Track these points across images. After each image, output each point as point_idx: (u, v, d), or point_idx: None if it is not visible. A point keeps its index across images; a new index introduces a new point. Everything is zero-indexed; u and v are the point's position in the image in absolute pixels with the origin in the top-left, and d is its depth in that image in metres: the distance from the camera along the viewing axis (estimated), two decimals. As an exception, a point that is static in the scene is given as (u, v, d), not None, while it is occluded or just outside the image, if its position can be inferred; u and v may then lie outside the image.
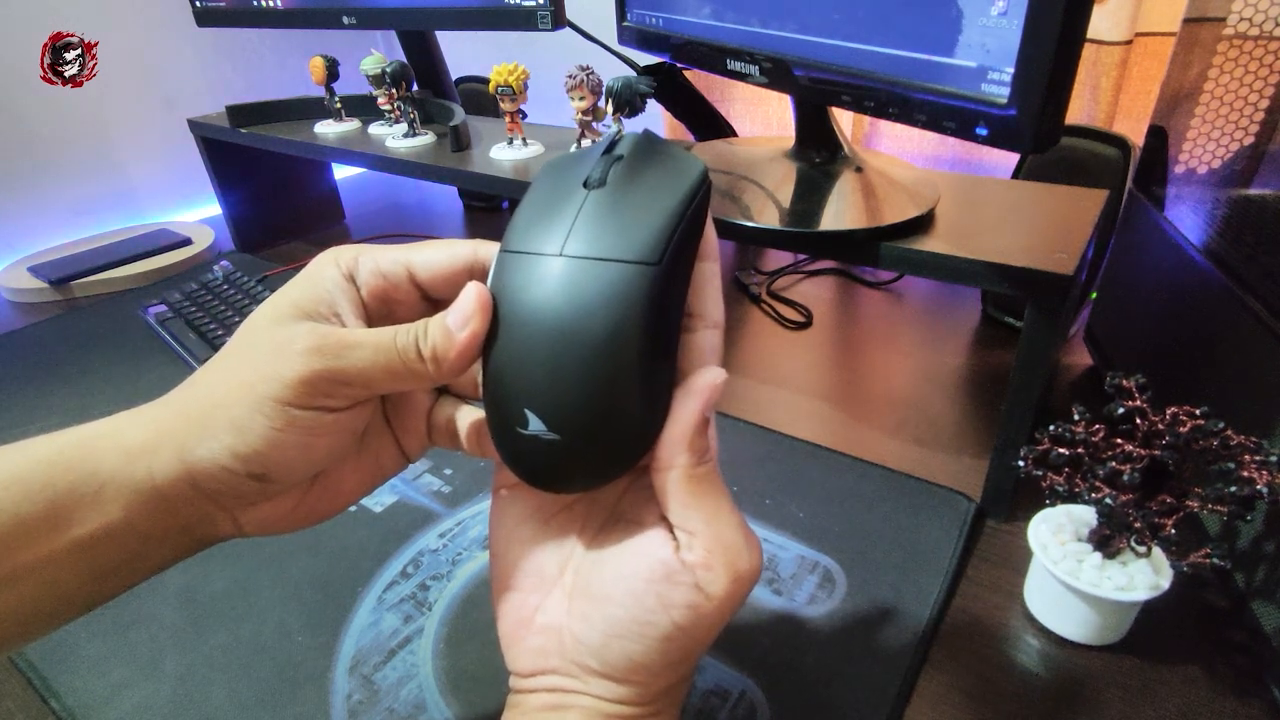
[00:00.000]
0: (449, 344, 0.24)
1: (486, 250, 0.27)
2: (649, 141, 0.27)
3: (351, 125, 0.87)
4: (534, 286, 0.23)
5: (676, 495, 0.25)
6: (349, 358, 0.24)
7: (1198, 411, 0.35)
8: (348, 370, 0.24)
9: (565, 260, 0.23)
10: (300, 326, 0.25)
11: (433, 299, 0.28)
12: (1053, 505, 0.41)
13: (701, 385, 0.25)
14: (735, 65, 0.54)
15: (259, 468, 0.24)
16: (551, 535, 0.28)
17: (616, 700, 0.25)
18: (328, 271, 0.27)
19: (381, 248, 0.28)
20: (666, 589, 0.24)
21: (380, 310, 0.28)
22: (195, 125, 0.95)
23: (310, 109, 0.92)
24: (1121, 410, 0.37)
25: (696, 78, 0.76)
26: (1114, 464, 0.37)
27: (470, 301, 0.24)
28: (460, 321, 0.24)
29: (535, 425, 0.23)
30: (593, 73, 0.63)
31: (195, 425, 0.24)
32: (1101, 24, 0.72)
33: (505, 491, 0.29)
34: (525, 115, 0.73)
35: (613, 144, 0.26)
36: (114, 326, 0.81)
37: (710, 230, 0.27)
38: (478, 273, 0.27)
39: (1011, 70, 0.35)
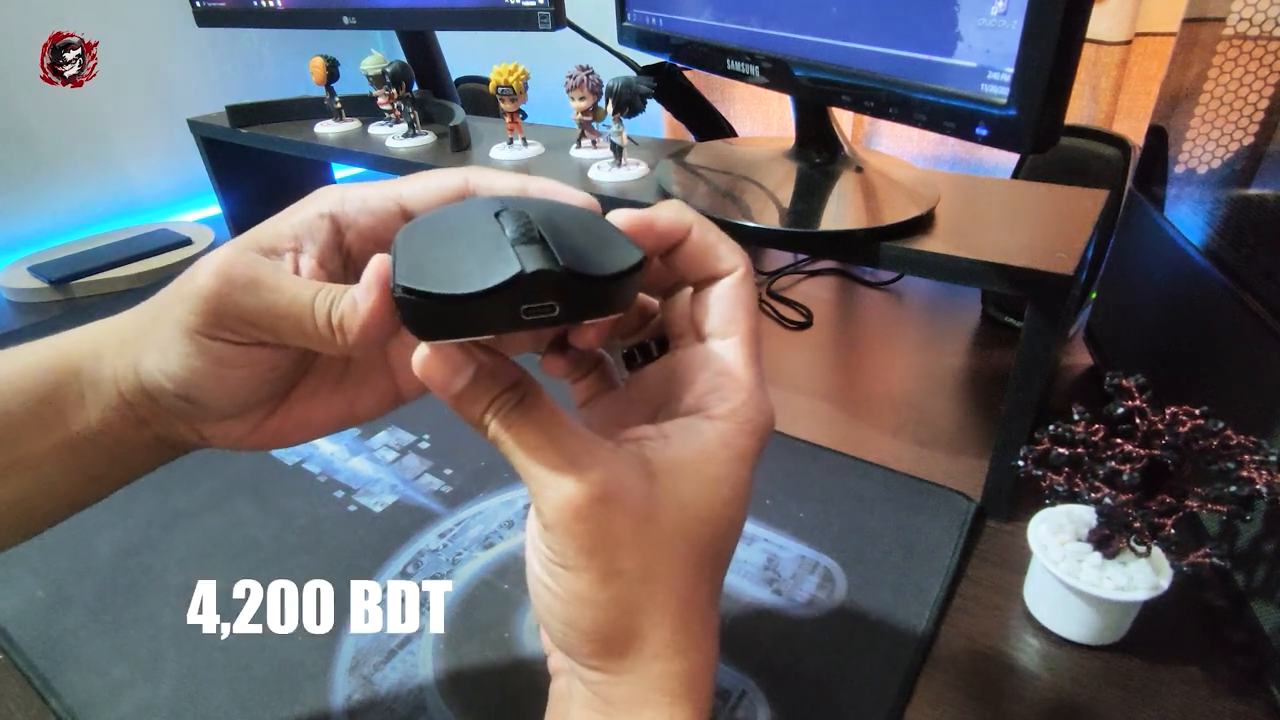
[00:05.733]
0: (354, 317, 0.22)
1: (478, 178, 0.25)
2: None
3: (351, 125, 0.87)
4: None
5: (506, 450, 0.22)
6: (257, 296, 0.23)
7: (1198, 411, 0.35)
8: (251, 310, 0.23)
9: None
10: (225, 249, 0.23)
11: None
12: (1053, 505, 0.41)
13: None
14: (735, 65, 0.54)
15: (182, 390, 0.24)
16: None
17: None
18: (305, 209, 0.25)
19: (371, 184, 0.26)
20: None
21: (369, 252, 0.25)
22: (195, 125, 0.95)
23: (310, 109, 0.92)
24: (1121, 410, 0.37)
25: (696, 78, 0.76)
26: (1114, 464, 0.37)
27: (369, 274, 0.21)
28: (364, 294, 0.21)
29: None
30: (593, 73, 0.63)
31: (139, 339, 0.25)
32: (1101, 24, 0.72)
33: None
34: (525, 115, 0.73)
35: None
36: (114, 326, 0.81)
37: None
38: None
39: (1011, 70, 0.35)
